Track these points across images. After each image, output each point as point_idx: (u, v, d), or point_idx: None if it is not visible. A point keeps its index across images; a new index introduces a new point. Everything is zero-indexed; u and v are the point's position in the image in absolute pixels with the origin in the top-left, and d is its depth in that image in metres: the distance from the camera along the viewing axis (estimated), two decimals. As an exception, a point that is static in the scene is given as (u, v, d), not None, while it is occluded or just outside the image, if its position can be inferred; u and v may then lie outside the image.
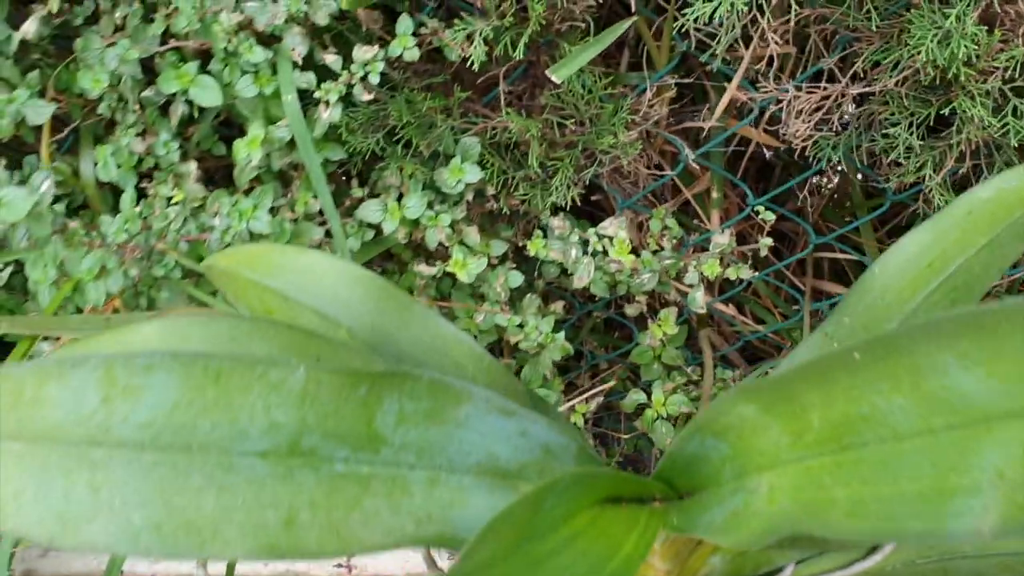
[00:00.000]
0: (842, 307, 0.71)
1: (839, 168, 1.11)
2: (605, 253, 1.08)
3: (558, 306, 1.21)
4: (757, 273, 1.16)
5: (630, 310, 1.24)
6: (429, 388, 0.55)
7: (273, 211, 1.01)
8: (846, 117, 0.94)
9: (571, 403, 1.17)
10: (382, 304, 0.67)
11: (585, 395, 1.58)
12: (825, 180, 1.50)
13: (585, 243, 1.08)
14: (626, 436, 1.56)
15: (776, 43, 0.82)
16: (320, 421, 0.53)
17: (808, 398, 0.51)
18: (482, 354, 0.70)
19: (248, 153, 0.92)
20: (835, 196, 1.46)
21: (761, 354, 1.59)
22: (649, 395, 1.32)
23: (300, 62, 0.90)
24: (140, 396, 0.50)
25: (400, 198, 1.02)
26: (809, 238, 1.22)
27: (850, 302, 0.70)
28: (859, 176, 1.29)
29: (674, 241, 1.17)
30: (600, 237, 1.07)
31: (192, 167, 0.99)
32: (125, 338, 0.59)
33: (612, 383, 1.58)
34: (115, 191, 1.07)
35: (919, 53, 0.77)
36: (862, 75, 0.90)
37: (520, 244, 1.16)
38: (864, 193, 1.37)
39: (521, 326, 1.10)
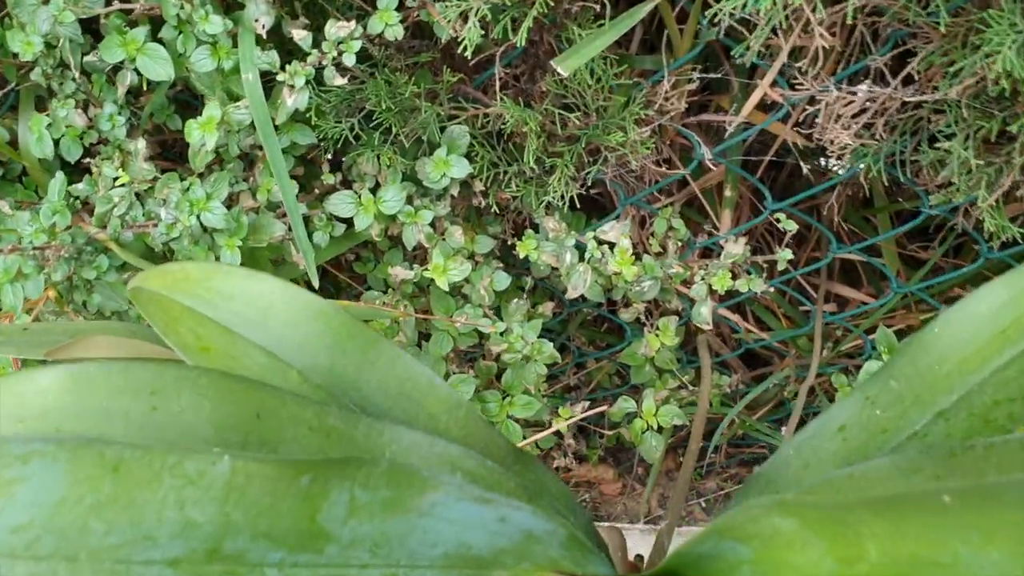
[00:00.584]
0: (890, 368, 0.60)
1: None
2: (603, 256, 0.97)
3: (547, 308, 1.10)
4: (769, 284, 1.05)
5: (625, 315, 1.13)
6: (389, 476, 0.44)
7: (231, 199, 0.89)
8: (892, 122, 0.83)
9: (546, 437, 1.06)
10: (343, 343, 0.56)
11: (570, 395, 1.48)
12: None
13: (582, 247, 0.97)
14: (609, 432, 1.47)
15: (822, 36, 0.70)
16: (249, 519, 0.42)
17: (868, 526, 0.41)
18: (458, 403, 0.59)
19: (202, 135, 0.80)
20: (852, 193, 1.34)
21: (761, 358, 1.49)
22: (638, 399, 1.22)
23: (264, 35, 0.77)
24: (13, 491, 0.39)
25: (376, 189, 0.90)
26: (829, 244, 1.11)
27: (900, 363, 0.59)
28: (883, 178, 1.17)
29: (679, 244, 1.05)
30: (599, 243, 0.95)
31: (141, 144, 0.86)
32: (18, 389, 0.48)
33: (599, 384, 1.48)
34: (62, 158, 0.94)
35: (992, 60, 0.65)
36: (915, 77, 0.78)
37: (509, 241, 1.05)
38: (886, 193, 1.26)
39: (505, 333, 0.99)
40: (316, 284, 0.80)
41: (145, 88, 0.88)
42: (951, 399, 0.55)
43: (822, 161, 1.31)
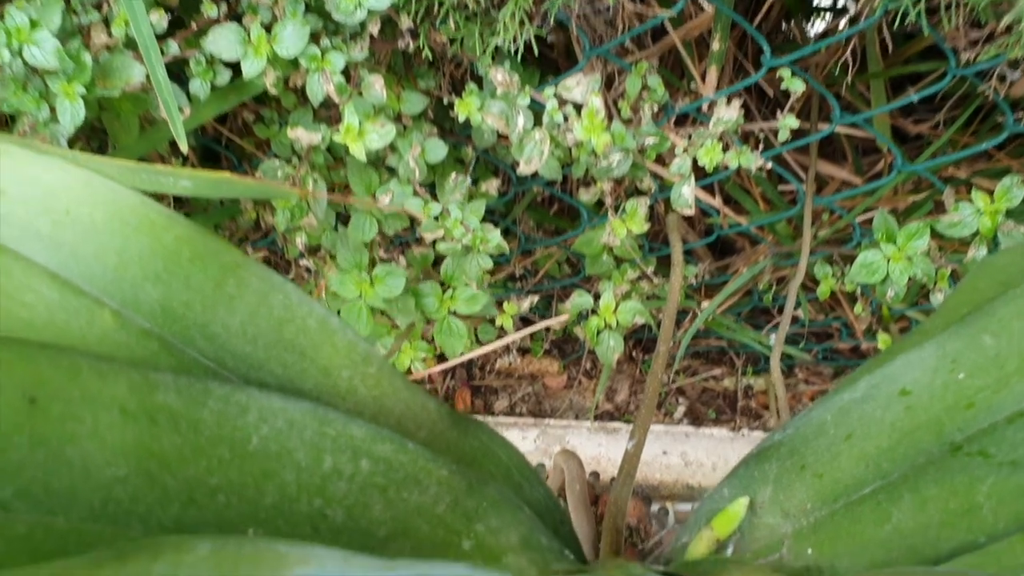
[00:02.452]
0: (986, 317, 0.42)
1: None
2: (565, 120, 0.76)
3: (491, 186, 0.90)
4: (763, 157, 0.86)
5: (585, 196, 0.94)
6: (214, 561, 0.25)
7: (81, 33, 0.66)
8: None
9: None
10: (185, 268, 0.36)
11: (515, 285, 1.30)
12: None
13: (537, 108, 0.76)
14: (556, 324, 1.29)
15: None
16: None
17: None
18: (367, 355, 0.40)
19: (13, -66, 0.56)
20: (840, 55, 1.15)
21: (729, 244, 1.32)
22: (593, 293, 1.04)
23: None
24: None
25: (272, 25, 0.68)
26: (829, 111, 0.92)
27: (1002, 312, 0.41)
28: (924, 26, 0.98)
29: (655, 108, 0.85)
30: (561, 102, 0.75)
31: (-65, -50, 0.62)
32: None
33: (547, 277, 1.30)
34: None
35: None
36: None
37: (445, 100, 0.83)
38: (883, 51, 1.06)
39: (441, 217, 0.79)
40: (184, 147, 0.59)
41: None
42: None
43: (826, 16, 1.11)
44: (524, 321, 1.44)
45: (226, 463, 0.33)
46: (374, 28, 0.68)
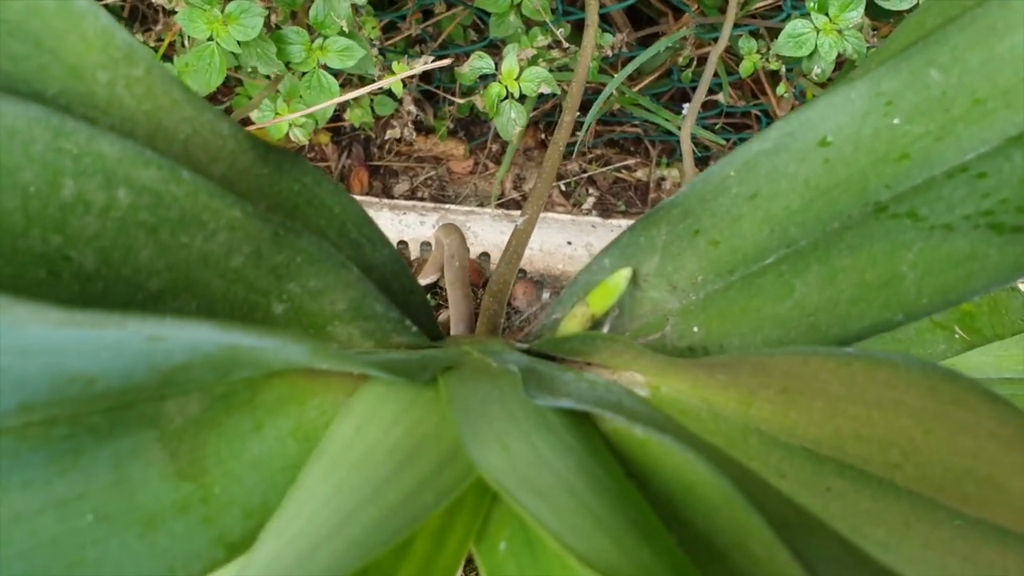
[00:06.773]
0: (932, 46, 0.33)
1: None
2: None
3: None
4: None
5: (488, -64, 0.81)
6: None
7: None
8: None
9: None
10: None
11: (415, 50, 1.17)
12: None
13: None
14: (460, 100, 1.18)
15: None
16: None
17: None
18: (129, 49, 0.30)
19: None
20: None
21: (649, 17, 1.20)
22: (497, 59, 0.93)
23: None
24: None
25: None
26: None
27: (957, 41, 0.32)
28: None
29: None
30: None
31: None
32: None
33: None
34: None
35: None
36: None
37: None
38: None
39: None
40: None
41: None
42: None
43: None
44: (427, 96, 1.33)
45: None
46: None
